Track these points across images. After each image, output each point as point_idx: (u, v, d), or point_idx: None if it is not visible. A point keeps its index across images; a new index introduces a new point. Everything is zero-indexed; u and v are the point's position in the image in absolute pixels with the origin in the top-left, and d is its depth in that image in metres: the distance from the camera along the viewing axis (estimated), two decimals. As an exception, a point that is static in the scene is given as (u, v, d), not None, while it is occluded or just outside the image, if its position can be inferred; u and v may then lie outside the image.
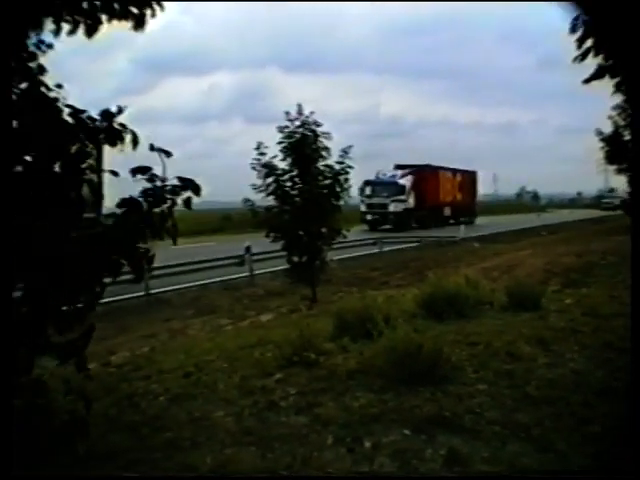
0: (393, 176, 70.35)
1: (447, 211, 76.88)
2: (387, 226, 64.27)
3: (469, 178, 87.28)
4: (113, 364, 11.43)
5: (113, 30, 7.64)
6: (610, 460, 6.06)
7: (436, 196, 74.33)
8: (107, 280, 6.47)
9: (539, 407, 7.48)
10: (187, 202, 6.57)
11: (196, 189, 6.55)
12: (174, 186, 6.46)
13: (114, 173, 6.37)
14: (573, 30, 8.84)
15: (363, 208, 66.87)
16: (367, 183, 67.40)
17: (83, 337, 6.29)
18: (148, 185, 6.42)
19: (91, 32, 7.51)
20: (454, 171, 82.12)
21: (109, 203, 6.57)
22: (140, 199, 6.42)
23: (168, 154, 6.46)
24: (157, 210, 6.47)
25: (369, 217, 66.09)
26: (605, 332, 10.77)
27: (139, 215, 6.38)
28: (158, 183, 6.42)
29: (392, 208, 65.97)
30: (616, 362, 8.88)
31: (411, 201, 68.66)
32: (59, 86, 6.35)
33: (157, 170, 6.47)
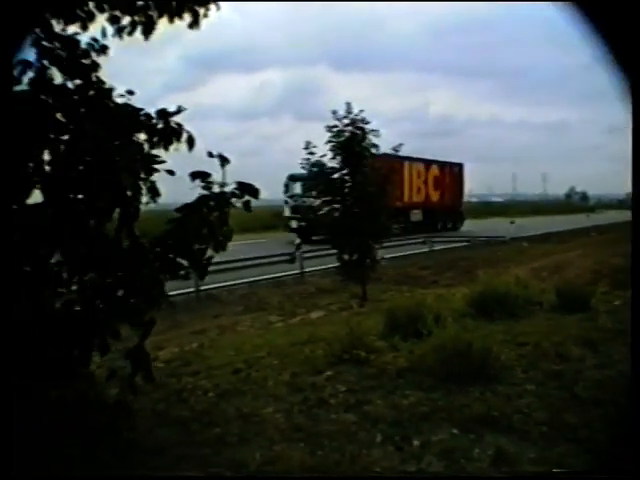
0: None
1: (417, 215, 57.61)
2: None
3: (451, 173, 67.07)
4: (161, 359, 11.46)
5: (162, 27, 7.69)
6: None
7: (399, 195, 49.13)
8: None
9: (587, 408, 7.44)
10: (246, 205, 6.62)
11: (254, 193, 6.58)
12: (234, 191, 6.48)
13: (170, 172, 6.40)
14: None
15: (287, 212, 49.91)
16: (293, 178, 47.50)
17: (145, 329, 6.33)
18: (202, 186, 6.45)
19: (148, 32, 7.56)
20: (427, 162, 62.32)
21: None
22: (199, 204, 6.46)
23: (226, 161, 6.50)
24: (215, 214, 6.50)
25: (295, 224, 46.80)
26: (655, 334, 10.58)
27: (199, 218, 6.41)
28: (215, 188, 6.45)
29: None
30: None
31: None
32: (130, 92, 6.43)
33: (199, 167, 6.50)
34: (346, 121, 19.28)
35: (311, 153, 19.43)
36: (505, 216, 69.14)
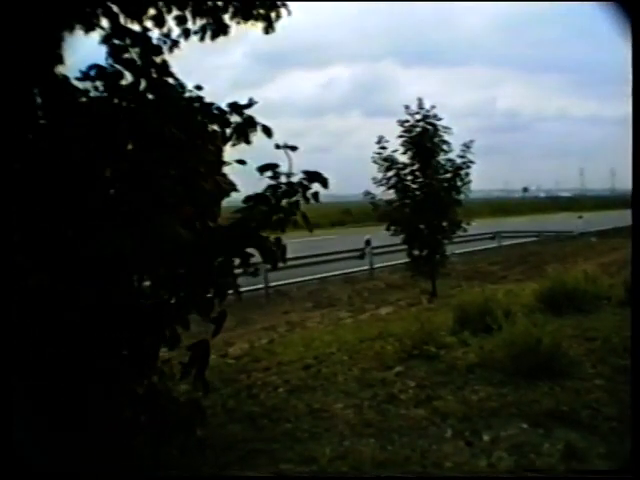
0: None
1: None
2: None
3: None
4: (231, 356, 11.56)
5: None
6: None
7: None
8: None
9: (657, 403, 7.30)
10: (315, 195, 6.56)
11: (324, 182, 6.54)
12: (302, 180, 6.46)
13: (242, 162, 6.42)
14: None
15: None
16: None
17: (217, 323, 6.36)
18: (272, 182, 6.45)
19: (217, 35, 7.61)
20: None
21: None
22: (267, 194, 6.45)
23: (293, 149, 6.48)
24: (285, 203, 6.49)
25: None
26: None
27: (268, 206, 6.41)
28: (283, 179, 6.44)
29: None
30: None
31: None
32: (198, 87, 6.46)
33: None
34: (418, 117, 19.30)
35: (383, 148, 19.45)
36: (573, 211, 68.29)
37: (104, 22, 6.28)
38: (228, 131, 6.49)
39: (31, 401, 4.76)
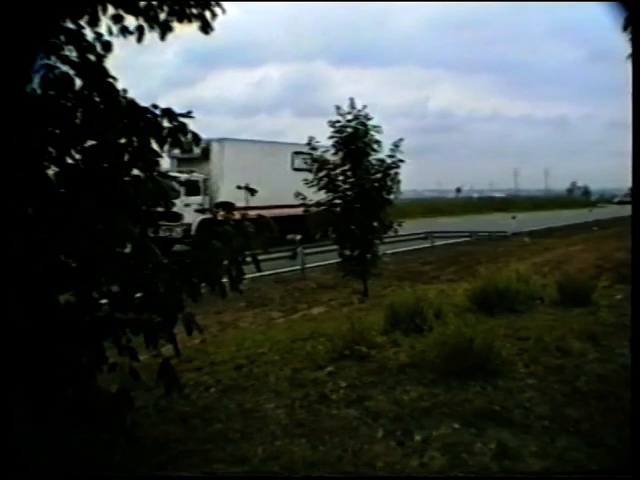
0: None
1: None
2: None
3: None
4: (164, 356, 11.51)
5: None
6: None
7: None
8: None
9: (589, 402, 7.48)
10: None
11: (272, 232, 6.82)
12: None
13: (166, 176, 6.44)
14: (625, 28, 8.76)
15: None
16: None
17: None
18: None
19: (163, 37, 7.56)
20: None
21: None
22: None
23: (253, 192, 6.70)
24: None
25: None
26: (657, 327, 10.62)
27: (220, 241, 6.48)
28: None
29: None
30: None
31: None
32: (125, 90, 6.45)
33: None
34: (349, 117, 19.39)
35: (314, 148, 19.51)
36: (507, 211, 69.11)
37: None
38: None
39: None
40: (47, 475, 4.66)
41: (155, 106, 6.51)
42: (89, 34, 6.63)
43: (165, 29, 7.49)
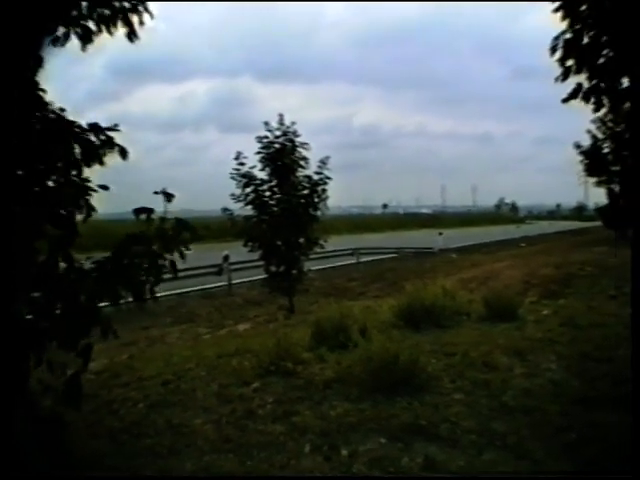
0: None
1: None
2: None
3: None
4: (91, 371, 11.45)
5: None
6: (587, 466, 6.20)
7: None
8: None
9: (515, 416, 7.56)
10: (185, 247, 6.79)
11: (193, 231, 6.77)
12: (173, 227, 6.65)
13: (104, 187, 6.46)
14: (553, 51, 9.05)
15: None
16: None
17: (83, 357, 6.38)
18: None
19: (86, 42, 7.49)
20: None
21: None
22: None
23: (170, 197, 6.68)
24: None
25: None
26: (582, 342, 10.88)
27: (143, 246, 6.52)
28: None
29: None
30: (593, 372, 9.00)
31: None
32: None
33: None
34: (277, 133, 19.51)
35: (241, 164, 19.57)
36: (434, 228, 69.57)
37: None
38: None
39: None
40: (47, 475, 4.69)
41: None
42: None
43: (88, 34, 7.43)
